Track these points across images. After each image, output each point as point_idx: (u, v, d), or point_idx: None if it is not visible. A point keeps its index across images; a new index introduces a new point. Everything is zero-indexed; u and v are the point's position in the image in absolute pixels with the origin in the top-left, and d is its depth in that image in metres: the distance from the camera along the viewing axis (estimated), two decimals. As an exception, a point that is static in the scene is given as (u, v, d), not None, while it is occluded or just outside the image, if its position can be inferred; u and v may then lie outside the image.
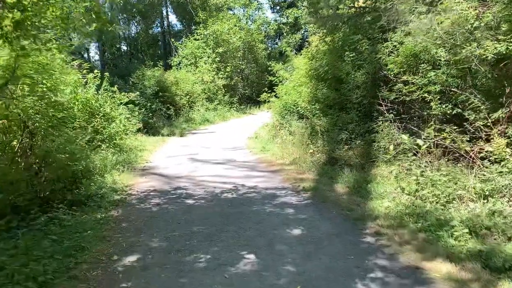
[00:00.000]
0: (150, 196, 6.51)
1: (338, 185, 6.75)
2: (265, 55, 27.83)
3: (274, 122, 13.13)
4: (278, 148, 10.62)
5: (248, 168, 8.81)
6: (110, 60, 22.72)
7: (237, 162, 9.64)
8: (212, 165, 9.20)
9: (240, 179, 7.70)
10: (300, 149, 9.68)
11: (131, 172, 8.50)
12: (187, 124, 17.82)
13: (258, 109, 24.90)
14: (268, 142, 12.13)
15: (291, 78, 13.27)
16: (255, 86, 27.62)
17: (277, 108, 12.76)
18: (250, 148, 11.76)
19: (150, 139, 13.58)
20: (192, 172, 8.49)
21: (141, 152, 10.91)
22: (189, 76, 20.67)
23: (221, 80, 21.69)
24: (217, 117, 19.81)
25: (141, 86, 17.50)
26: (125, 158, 9.32)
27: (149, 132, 15.80)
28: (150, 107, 16.65)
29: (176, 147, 12.32)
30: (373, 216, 5.15)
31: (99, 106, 9.83)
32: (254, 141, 13.08)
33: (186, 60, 22.32)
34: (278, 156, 9.67)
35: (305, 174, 7.72)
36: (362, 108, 8.36)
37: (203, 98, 20.30)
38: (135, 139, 11.27)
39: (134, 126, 11.41)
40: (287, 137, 11.32)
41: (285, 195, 6.39)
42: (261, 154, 10.54)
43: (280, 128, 12.11)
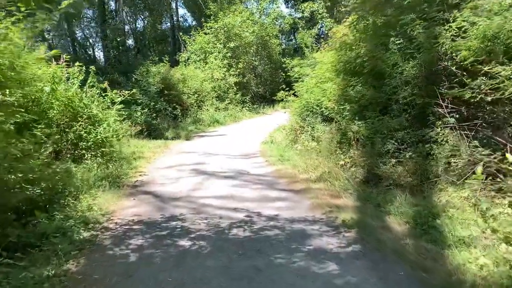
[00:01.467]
0: (132, 233, 4.66)
1: (391, 218, 4.81)
2: (279, 51, 25.87)
3: (292, 125, 11.21)
4: (300, 157, 8.70)
5: (265, 185, 6.91)
6: (114, 56, 21.06)
7: (250, 175, 7.75)
8: (220, 180, 7.33)
9: (255, 203, 5.82)
10: (328, 160, 7.76)
11: (118, 190, 6.68)
12: (194, 125, 15.99)
13: (272, 108, 23.00)
14: (286, 149, 10.22)
15: (313, 74, 11.32)
16: (269, 84, 25.72)
17: (297, 108, 10.84)
18: (266, 155, 9.86)
19: (151, 143, 11.77)
20: (194, 190, 6.63)
21: (137, 161, 9.10)
22: (198, 73, 18.84)
23: (232, 77, 19.82)
24: (228, 117, 17.95)
25: (144, 83, 15.73)
26: (113, 171, 7.51)
27: (152, 135, 14.03)
28: (154, 107, 14.86)
29: (180, 154, 10.49)
30: (467, 285, 3.22)
31: (83, 107, 8.04)
32: (269, 146, 11.18)
33: (195, 56, 20.49)
34: (301, 169, 7.75)
35: (340, 198, 5.79)
36: (413, 110, 6.40)
37: (213, 96, 18.47)
38: (128, 145, 9.46)
39: (128, 131, 9.57)
40: (309, 143, 9.41)
41: (319, 234, 4.48)
42: (279, 164, 8.63)
43: (301, 132, 10.18)
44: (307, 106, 10.27)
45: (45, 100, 7.50)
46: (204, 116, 17.08)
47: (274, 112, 22.02)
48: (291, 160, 8.65)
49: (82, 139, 7.74)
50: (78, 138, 7.72)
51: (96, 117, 8.19)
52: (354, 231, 4.49)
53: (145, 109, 14.54)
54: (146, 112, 14.43)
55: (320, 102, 9.96)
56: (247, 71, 22.09)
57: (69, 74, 8.02)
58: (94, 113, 8.13)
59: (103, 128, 7.98)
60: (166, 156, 10.19)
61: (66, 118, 7.71)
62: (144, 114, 14.35)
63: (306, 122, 10.21)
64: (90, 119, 8.03)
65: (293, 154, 9.38)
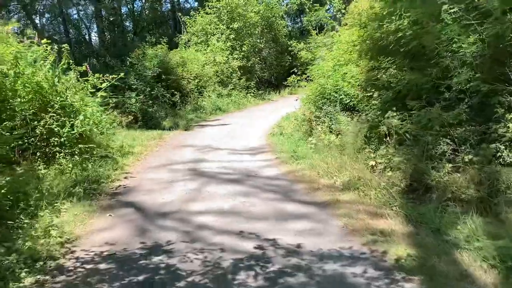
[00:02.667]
0: (95, 279, 3.21)
1: (466, 257, 3.33)
2: (286, 33, 24.11)
3: (305, 114, 9.68)
4: (317, 155, 7.21)
5: (278, 194, 5.44)
6: (110, 39, 19.44)
7: (259, 178, 6.28)
8: (222, 186, 5.86)
9: (268, 222, 4.36)
10: (354, 160, 6.27)
11: (94, 200, 5.24)
12: (195, 113, 14.46)
13: (278, 94, 21.39)
14: (299, 143, 8.72)
15: (329, 56, 9.72)
16: (274, 69, 24.04)
17: (310, 95, 9.29)
18: (275, 151, 8.36)
19: (145, 135, 10.29)
20: (189, 202, 5.17)
21: (125, 158, 7.64)
22: (199, 56, 17.20)
23: (236, 60, 18.17)
24: (231, 104, 16.38)
25: (140, 67, 14.16)
26: (91, 173, 6.07)
27: (148, 124, 12.55)
28: (150, 93, 13.32)
29: (176, 148, 9.01)
30: None
31: (56, 94, 6.55)
32: (278, 139, 9.67)
33: (195, 38, 18.80)
34: (321, 170, 6.26)
35: (382, 218, 4.30)
36: (472, 99, 4.86)
37: (215, 82, 16.87)
38: (115, 139, 7.99)
39: (115, 121, 8.11)
40: (326, 136, 7.91)
41: (366, 285, 3.02)
42: (292, 163, 7.13)
43: (317, 123, 8.66)
44: (323, 92, 8.73)
45: (8, 86, 6.06)
46: (206, 103, 15.53)
47: (280, 98, 20.43)
48: (307, 158, 7.15)
49: (54, 134, 6.28)
50: (49, 132, 6.27)
51: (71, 106, 6.71)
52: (417, 281, 3.02)
53: (140, 95, 13.04)
54: (141, 99, 12.94)
55: (338, 88, 8.43)
56: (252, 54, 20.40)
57: (33, 54, 6.48)
58: (69, 102, 6.64)
59: (80, 120, 6.50)
60: (160, 151, 8.71)
61: (33, 109, 6.25)
62: (139, 101, 12.86)
63: (323, 112, 8.69)
64: (64, 109, 6.54)
65: (308, 149, 7.88)
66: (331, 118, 8.45)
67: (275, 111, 15.25)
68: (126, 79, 13.56)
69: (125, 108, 12.32)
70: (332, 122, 8.41)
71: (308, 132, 9.19)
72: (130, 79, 13.40)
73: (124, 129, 10.52)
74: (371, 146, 6.51)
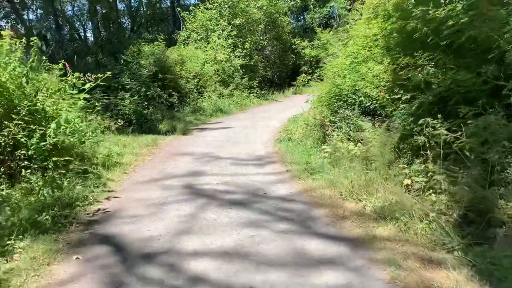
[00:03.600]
0: None
1: None
2: (290, 30, 22.96)
3: (316, 118, 8.55)
4: (335, 167, 6.07)
5: (295, 224, 4.29)
6: (106, 36, 18.29)
7: (269, 200, 5.13)
8: (223, 211, 4.72)
9: (286, 272, 3.22)
10: (383, 176, 5.14)
11: (62, 233, 4.11)
12: (194, 115, 13.32)
13: (282, 94, 20.25)
14: (311, 151, 7.60)
15: (343, 53, 8.56)
16: (278, 67, 22.90)
17: (324, 96, 8.13)
18: (285, 161, 7.23)
19: (138, 141, 9.15)
20: (182, 236, 4.03)
21: (110, 170, 6.51)
22: (199, 54, 16.06)
23: (238, 59, 17.03)
24: (233, 105, 15.23)
25: (135, 65, 13.03)
26: (65, 194, 4.94)
27: (143, 127, 11.42)
28: (145, 93, 12.18)
29: (171, 157, 7.86)
30: None
31: (23, 97, 5.42)
32: (287, 146, 8.54)
33: (195, 34, 17.64)
34: (344, 190, 5.11)
35: (440, 268, 3.15)
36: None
37: (216, 81, 15.72)
38: (102, 146, 6.87)
39: (101, 126, 6.98)
40: (344, 144, 6.77)
41: None
42: (307, 178, 5.99)
43: (333, 129, 7.52)
44: (339, 94, 7.59)
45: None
46: (206, 104, 14.38)
47: (284, 99, 19.31)
48: (324, 172, 6.02)
49: (21, 145, 5.15)
50: (14, 144, 5.14)
51: (43, 112, 5.58)
52: None
53: (135, 96, 11.92)
54: (136, 100, 11.81)
55: (357, 88, 7.29)
56: (255, 52, 19.24)
57: None
58: (40, 106, 5.50)
59: (52, 129, 5.36)
60: (153, 160, 7.57)
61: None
62: (134, 102, 11.74)
63: (338, 116, 7.55)
64: (34, 115, 5.41)
65: (323, 160, 6.76)
66: (349, 123, 7.33)
67: (280, 113, 14.15)
68: (119, 78, 12.53)
69: (118, 110, 11.20)
70: (350, 128, 7.29)
71: (321, 139, 8.07)
72: (124, 78, 12.29)
73: (115, 134, 9.40)
74: (403, 159, 5.39)
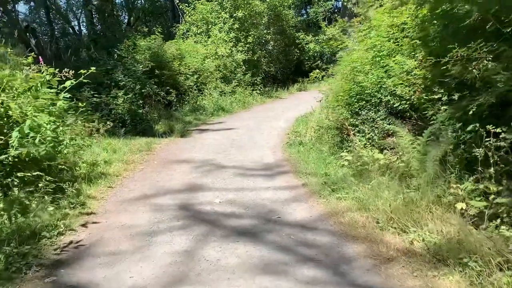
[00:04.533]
0: None
1: None
2: (295, 23, 21.81)
3: (332, 119, 7.46)
4: (360, 181, 5.02)
5: (325, 272, 3.20)
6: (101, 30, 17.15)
7: (285, 228, 4.06)
8: (229, 247, 3.64)
9: None
10: (427, 197, 4.07)
11: (12, 284, 3.04)
12: (193, 115, 12.23)
13: (286, 91, 19.14)
14: (328, 158, 6.55)
15: (363, 46, 7.44)
16: (281, 63, 21.76)
17: (341, 95, 7.03)
18: (299, 171, 6.15)
19: (130, 145, 8.08)
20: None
21: (93, 184, 5.44)
22: (198, 48, 14.92)
23: (240, 53, 15.89)
24: (236, 103, 14.12)
25: (130, 61, 11.92)
26: (30, 221, 3.88)
27: (137, 128, 10.36)
28: (140, 91, 11.08)
29: (166, 165, 6.77)
30: None
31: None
32: (298, 151, 7.47)
33: (195, 28, 16.50)
34: (381, 215, 4.04)
35: None
36: None
37: (217, 77, 14.61)
38: (78, 156, 5.79)
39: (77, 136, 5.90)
40: (368, 152, 5.71)
41: None
42: (329, 195, 4.91)
43: (354, 133, 6.44)
44: (361, 93, 6.50)
45: None
46: (206, 102, 13.27)
47: (289, 96, 18.22)
48: (348, 187, 4.95)
49: (-25, 160, 4.09)
50: (-33, 157, 4.08)
51: (7, 117, 4.51)
52: None
53: (129, 94, 10.82)
54: (130, 98, 10.72)
55: (383, 86, 6.22)
56: (258, 46, 18.11)
57: None
58: (1, 110, 4.43)
59: (16, 138, 4.28)
60: (146, 170, 6.49)
61: None
62: (128, 100, 10.65)
63: (359, 118, 6.47)
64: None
65: (344, 171, 5.70)
66: (373, 127, 6.25)
67: (286, 112, 13.07)
68: (112, 74, 11.44)
69: (110, 110, 10.11)
70: (375, 133, 6.22)
71: (338, 144, 6.99)
72: (117, 74, 11.18)
73: (105, 137, 8.31)
74: (450, 175, 4.32)
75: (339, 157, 6.59)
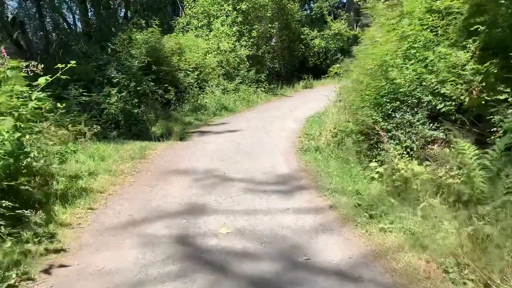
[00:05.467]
0: None
1: None
2: (301, 16, 20.68)
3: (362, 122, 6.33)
4: (401, 203, 3.93)
5: None
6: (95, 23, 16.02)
7: (319, 278, 2.96)
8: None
9: None
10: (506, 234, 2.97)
11: None
12: (194, 115, 11.11)
13: (292, 89, 18.02)
14: (353, 170, 5.46)
15: (395, 34, 6.29)
16: (286, 59, 20.60)
17: (368, 94, 5.91)
18: (322, 186, 5.05)
19: (122, 150, 6.99)
20: None
21: (71, 204, 4.34)
22: (199, 43, 13.79)
23: (244, 49, 14.76)
24: (239, 102, 13.00)
25: (125, 56, 10.81)
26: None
27: (132, 130, 9.27)
28: (136, 89, 9.97)
29: (161, 177, 5.67)
30: None
31: None
32: (315, 159, 6.40)
33: (196, 21, 15.35)
34: (449, 260, 2.95)
35: None
36: None
37: (219, 74, 13.48)
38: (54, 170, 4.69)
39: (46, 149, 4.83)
40: (405, 164, 4.64)
41: None
42: (368, 224, 3.81)
43: (387, 140, 5.32)
44: (395, 92, 5.40)
45: None
46: (208, 101, 12.14)
47: (295, 94, 17.11)
48: (393, 214, 3.85)
49: None
50: None
51: None
52: None
53: (123, 92, 9.70)
54: (124, 96, 9.60)
55: (423, 83, 5.13)
56: (263, 41, 16.97)
57: None
58: None
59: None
60: (136, 184, 5.38)
61: None
62: (122, 99, 9.54)
63: (391, 121, 5.37)
64: None
65: (377, 187, 4.63)
66: (411, 132, 5.15)
67: (295, 111, 12.00)
68: (105, 70, 10.33)
69: (101, 110, 9.01)
70: (413, 140, 5.12)
71: (363, 152, 5.89)
72: (110, 71, 10.07)
73: (94, 142, 7.22)
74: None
75: (367, 168, 5.53)
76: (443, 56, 4.96)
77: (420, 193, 4.06)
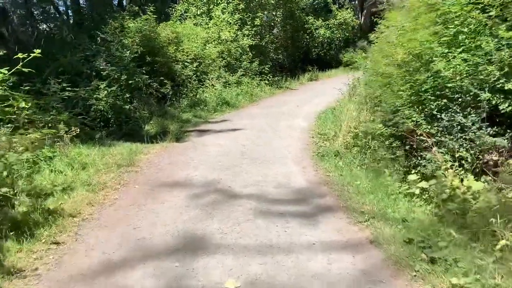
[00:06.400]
0: None
1: None
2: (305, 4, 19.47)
3: (395, 123, 5.23)
4: (458, 232, 2.85)
5: None
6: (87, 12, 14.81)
7: None
8: None
9: None
10: None
11: None
12: (192, 111, 9.99)
13: (297, 81, 16.86)
14: (386, 182, 4.38)
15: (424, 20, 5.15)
16: (289, 50, 19.43)
17: (402, 90, 4.80)
18: (353, 208, 3.98)
19: (108, 154, 5.91)
20: None
21: (31, 236, 3.26)
22: (199, 31, 12.61)
23: (247, 38, 13.58)
24: (242, 96, 11.86)
25: (116, 45, 9.67)
26: None
27: (123, 129, 8.18)
28: (127, 82, 8.83)
29: (152, 193, 4.58)
30: None
31: None
32: (336, 166, 5.32)
33: (194, 8, 14.15)
34: None
35: None
36: None
37: (220, 66, 12.33)
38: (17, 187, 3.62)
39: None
40: (458, 181, 3.56)
41: None
42: (430, 274, 2.73)
43: (433, 147, 4.22)
44: (442, 87, 4.29)
45: None
46: (208, 95, 11.01)
47: (300, 87, 15.97)
48: (465, 260, 2.78)
49: None
50: None
51: None
52: None
53: (114, 85, 8.59)
54: (115, 90, 8.49)
55: (479, 76, 4.02)
56: (267, 30, 15.79)
57: None
58: None
59: None
60: (119, 202, 4.28)
61: None
62: (112, 93, 8.43)
63: (438, 125, 4.27)
64: None
65: (423, 210, 3.56)
66: (463, 138, 4.06)
67: (303, 106, 10.90)
68: (93, 62, 9.20)
69: (89, 106, 7.92)
70: (466, 148, 4.02)
71: (397, 160, 4.80)
72: (99, 62, 8.93)
73: (76, 144, 6.13)
74: None
75: (403, 180, 4.45)
76: (507, 42, 3.86)
77: (495, 224, 2.99)
